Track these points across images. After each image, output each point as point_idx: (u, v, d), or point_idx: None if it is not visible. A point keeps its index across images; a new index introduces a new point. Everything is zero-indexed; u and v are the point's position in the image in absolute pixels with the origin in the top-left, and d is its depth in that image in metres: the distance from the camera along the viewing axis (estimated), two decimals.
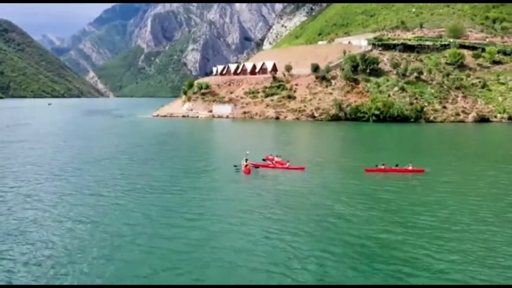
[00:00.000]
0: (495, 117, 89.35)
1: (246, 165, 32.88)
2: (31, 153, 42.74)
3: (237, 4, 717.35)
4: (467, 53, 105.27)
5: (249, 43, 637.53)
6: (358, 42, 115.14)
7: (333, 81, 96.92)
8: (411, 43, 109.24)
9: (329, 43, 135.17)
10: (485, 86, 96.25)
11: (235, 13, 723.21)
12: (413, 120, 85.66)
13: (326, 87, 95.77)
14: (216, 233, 18.70)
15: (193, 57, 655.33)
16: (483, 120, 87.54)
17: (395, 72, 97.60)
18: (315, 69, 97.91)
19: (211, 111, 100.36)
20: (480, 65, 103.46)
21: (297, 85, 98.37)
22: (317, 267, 15.02)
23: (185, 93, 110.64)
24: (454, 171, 33.48)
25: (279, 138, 61.91)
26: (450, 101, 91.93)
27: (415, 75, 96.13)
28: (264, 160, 36.80)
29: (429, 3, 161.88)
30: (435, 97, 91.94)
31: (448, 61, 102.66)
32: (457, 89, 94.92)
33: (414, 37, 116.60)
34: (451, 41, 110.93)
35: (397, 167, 33.15)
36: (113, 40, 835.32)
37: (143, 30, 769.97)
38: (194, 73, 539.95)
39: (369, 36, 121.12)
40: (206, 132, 72.58)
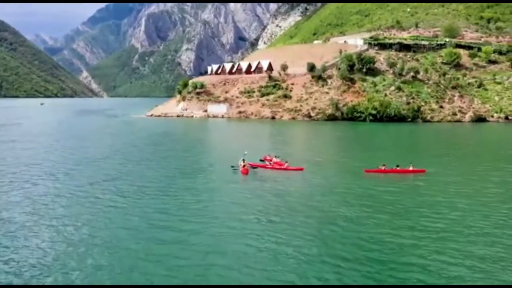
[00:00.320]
0: (492, 116, 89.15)
1: (244, 166, 31.97)
2: (22, 154, 41.56)
3: (232, 4, 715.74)
4: (463, 52, 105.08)
5: (244, 43, 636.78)
6: (354, 41, 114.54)
7: (329, 81, 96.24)
8: (407, 43, 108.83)
9: (325, 42, 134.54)
10: (481, 85, 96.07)
11: (229, 13, 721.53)
12: (410, 119, 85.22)
13: (322, 86, 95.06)
14: (213, 236, 18.06)
15: (187, 57, 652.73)
16: (480, 119, 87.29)
17: (391, 71, 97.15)
18: (311, 68, 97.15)
19: (206, 111, 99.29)
20: (476, 65, 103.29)
21: (293, 84, 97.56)
22: (318, 269, 14.67)
23: (180, 93, 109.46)
24: (455, 171, 32.89)
25: (276, 138, 61.06)
26: (446, 101, 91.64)
27: (412, 74, 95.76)
28: (261, 160, 35.89)
29: (423, 3, 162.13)
30: (432, 97, 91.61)
31: (444, 61, 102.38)
32: (454, 88, 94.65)
33: (410, 37, 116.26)
34: (447, 40, 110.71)
35: (397, 168, 32.38)
36: (106, 39, 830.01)
37: (137, 29, 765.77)
38: (188, 73, 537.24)
39: (365, 35, 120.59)
40: (201, 132, 71.58)
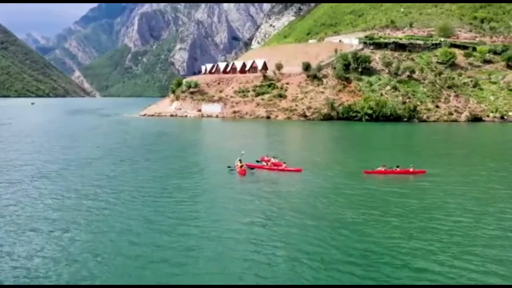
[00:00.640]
0: (488, 116, 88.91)
1: (241, 166, 30.94)
2: (9, 155, 40.23)
3: (225, 3, 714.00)
4: (458, 52, 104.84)
5: (237, 43, 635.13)
6: (349, 40, 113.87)
7: (325, 80, 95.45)
8: (402, 42, 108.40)
9: (319, 41, 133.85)
10: (476, 85, 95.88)
11: (223, 13, 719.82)
12: (406, 119, 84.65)
13: (317, 86, 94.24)
14: (210, 238, 17.42)
15: (180, 57, 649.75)
16: (475, 119, 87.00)
17: (387, 71, 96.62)
18: (306, 67, 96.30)
19: (200, 110, 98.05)
20: (471, 64, 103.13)
21: (288, 84, 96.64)
22: (316, 270, 14.45)
23: (173, 92, 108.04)
24: (456, 172, 32.30)
25: (272, 138, 60.01)
26: (442, 100, 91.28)
27: (407, 74, 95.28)
28: (257, 161, 34.84)
29: (417, 3, 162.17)
30: (428, 96, 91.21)
31: (439, 60, 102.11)
32: (449, 88, 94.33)
33: (405, 36, 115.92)
34: (442, 40, 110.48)
35: (397, 169, 31.53)
36: (99, 39, 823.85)
37: (130, 29, 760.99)
38: (182, 73, 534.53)
39: (360, 35, 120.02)
40: (196, 131, 70.45)
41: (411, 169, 31.78)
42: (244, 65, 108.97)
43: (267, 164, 33.69)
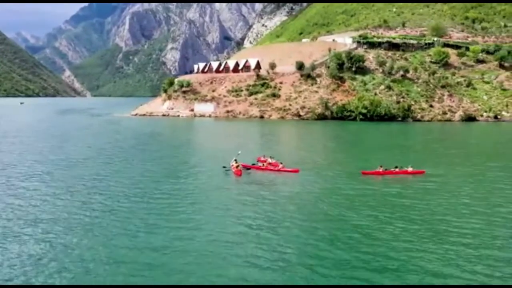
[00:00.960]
0: (481, 116, 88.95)
1: (237, 166, 30.03)
2: None
3: (217, 3, 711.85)
4: (451, 51, 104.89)
5: (229, 43, 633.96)
6: (342, 40, 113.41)
7: (318, 79, 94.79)
8: (395, 42, 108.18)
9: (312, 41, 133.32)
10: (470, 84, 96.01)
11: (214, 12, 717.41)
12: (400, 119, 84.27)
13: (311, 85, 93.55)
14: (206, 241, 16.89)
15: (172, 56, 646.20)
16: (469, 119, 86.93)
17: (380, 70, 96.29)
18: (300, 67, 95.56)
19: (192, 110, 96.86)
20: (464, 64, 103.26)
21: (281, 83, 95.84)
22: (314, 272, 14.18)
23: (165, 91, 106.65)
24: (455, 172, 31.95)
25: (267, 138, 59.13)
26: (436, 100, 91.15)
27: (401, 73, 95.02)
28: (254, 163, 33.95)
29: (408, 3, 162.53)
30: (422, 96, 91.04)
31: (432, 60, 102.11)
32: (443, 87, 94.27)
33: (398, 36, 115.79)
34: (435, 39, 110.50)
35: (396, 169, 30.87)
36: (90, 38, 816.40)
37: (121, 28, 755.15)
38: (173, 73, 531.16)
39: (353, 34, 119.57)
40: (189, 131, 69.38)
41: (410, 170, 31.25)
42: (237, 64, 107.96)
43: (264, 164, 32.79)
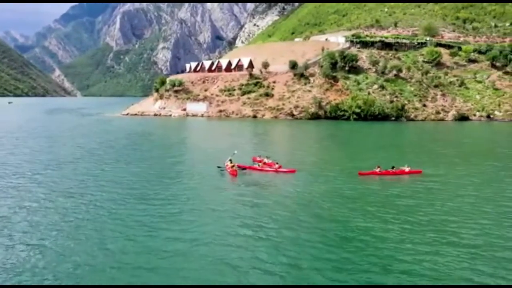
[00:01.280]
0: (474, 115, 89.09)
1: (232, 166, 29.24)
2: None
3: (209, 3, 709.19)
4: (443, 51, 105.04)
5: (221, 42, 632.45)
6: (335, 39, 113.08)
7: (312, 79, 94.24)
8: (388, 41, 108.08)
9: (305, 40, 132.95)
10: (462, 84, 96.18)
11: (206, 12, 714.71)
12: (394, 118, 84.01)
13: (304, 84, 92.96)
14: (201, 244, 16.44)
15: (163, 56, 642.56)
16: (462, 118, 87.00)
17: (374, 69, 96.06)
18: (293, 66, 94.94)
19: (184, 110, 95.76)
20: (456, 63, 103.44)
21: (274, 82, 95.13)
22: (311, 274, 13.97)
23: (157, 91, 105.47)
24: (452, 171, 31.55)
25: (261, 137, 58.37)
26: (429, 99, 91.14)
27: (394, 73, 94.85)
28: (251, 163, 33.22)
29: (400, 3, 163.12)
30: (415, 95, 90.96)
31: (425, 59, 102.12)
32: (436, 87, 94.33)
33: (390, 35, 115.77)
34: (428, 39, 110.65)
35: (393, 170, 30.35)
36: (80, 37, 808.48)
37: (112, 27, 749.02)
38: (165, 72, 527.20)
39: (345, 34, 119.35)
40: (181, 131, 68.32)
41: (407, 169, 30.79)
42: (229, 64, 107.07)
43: (259, 165, 32.01)
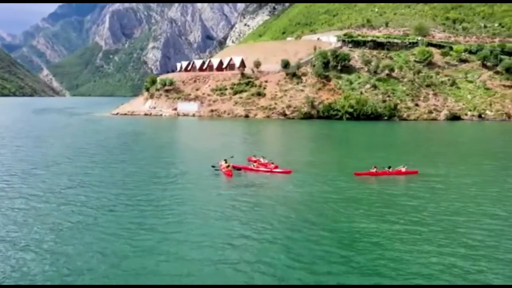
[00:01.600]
0: (466, 115, 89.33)
1: (227, 166, 28.44)
2: None
3: (199, 3, 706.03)
4: (435, 51, 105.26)
5: (212, 42, 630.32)
6: (327, 38, 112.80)
7: (304, 78, 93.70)
8: (380, 41, 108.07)
9: (297, 39, 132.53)
10: (454, 84, 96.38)
11: (196, 11, 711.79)
12: (386, 118, 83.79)
13: (297, 84, 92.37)
14: (196, 246, 15.97)
15: (153, 55, 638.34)
16: (454, 118, 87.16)
17: (366, 69, 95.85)
18: (285, 65, 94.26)
19: (175, 109, 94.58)
20: (448, 63, 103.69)
21: (266, 81, 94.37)
22: (307, 276, 13.69)
23: (148, 90, 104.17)
24: (448, 171, 31.19)
25: (255, 137, 57.60)
26: (422, 99, 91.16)
27: (386, 72, 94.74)
28: (248, 163, 32.47)
29: (390, 3, 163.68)
30: (407, 95, 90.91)
31: (417, 59, 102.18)
32: (428, 86, 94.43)
33: (382, 35, 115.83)
34: (419, 39, 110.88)
35: (389, 170, 29.89)
36: (69, 36, 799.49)
37: (101, 27, 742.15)
38: (155, 72, 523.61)
39: (337, 33, 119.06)
40: (173, 131, 67.38)
41: (403, 170, 30.34)
42: (221, 63, 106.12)
43: (254, 165, 31.20)
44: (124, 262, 14.47)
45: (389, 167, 30.13)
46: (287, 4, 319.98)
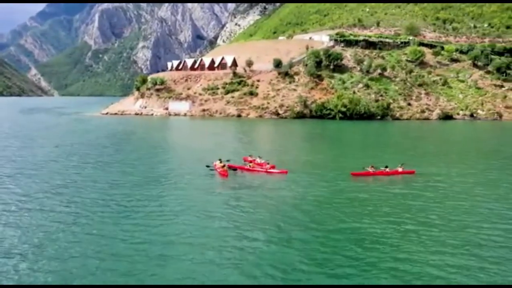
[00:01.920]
0: (458, 114, 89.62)
1: (223, 166, 27.71)
2: None
3: (189, 3, 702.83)
4: (426, 50, 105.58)
5: (202, 42, 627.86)
6: (319, 38, 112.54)
7: (296, 77, 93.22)
8: (372, 40, 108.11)
9: (288, 38, 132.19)
10: (445, 83, 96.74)
11: (186, 11, 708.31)
12: (379, 117, 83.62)
13: (289, 83, 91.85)
14: (192, 248, 15.55)
15: (143, 55, 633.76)
16: (447, 117, 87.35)
17: (358, 68, 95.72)
18: (278, 64, 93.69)
19: (167, 109, 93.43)
20: (439, 63, 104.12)
21: (258, 81, 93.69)
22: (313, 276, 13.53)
23: (138, 89, 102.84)
24: (444, 171, 30.97)
25: (249, 137, 56.80)
26: (414, 98, 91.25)
27: (379, 71, 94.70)
28: (244, 163, 31.79)
29: (381, 3, 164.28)
30: (400, 94, 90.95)
31: (409, 58, 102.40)
32: (420, 86, 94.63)
33: (374, 35, 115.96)
34: (411, 38, 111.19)
35: (386, 169, 29.49)
36: (57, 36, 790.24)
37: (90, 26, 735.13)
38: (145, 71, 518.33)
39: (329, 33, 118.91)
40: (165, 131, 66.35)
41: (400, 169, 29.95)
42: (212, 62, 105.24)
43: (250, 165, 30.48)
44: (118, 262, 14.12)
45: (386, 167, 29.75)
46: (277, 4, 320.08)
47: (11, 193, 22.94)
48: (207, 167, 29.00)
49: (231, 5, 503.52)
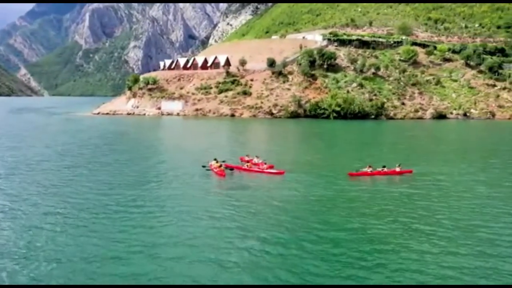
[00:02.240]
0: (451, 113, 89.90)
1: (219, 166, 27.15)
2: None
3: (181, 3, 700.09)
4: (419, 50, 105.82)
5: (194, 41, 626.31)
6: (312, 37, 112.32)
7: (290, 77, 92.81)
8: (365, 39, 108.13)
9: (281, 38, 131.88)
10: (438, 83, 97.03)
11: (178, 11, 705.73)
12: (373, 116, 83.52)
13: (283, 82, 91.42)
14: (193, 249, 15.13)
15: (135, 55, 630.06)
16: (440, 116, 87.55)
17: (352, 67, 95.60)
18: (271, 63, 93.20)
19: (159, 108, 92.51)
20: (432, 62, 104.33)
21: (252, 80, 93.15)
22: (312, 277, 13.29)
23: (130, 89, 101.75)
24: (442, 170, 30.69)
25: (243, 137, 56.39)
26: (407, 98, 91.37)
27: (372, 71, 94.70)
28: (241, 163, 31.25)
29: (373, 3, 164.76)
30: (393, 94, 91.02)
31: (402, 58, 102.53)
32: (413, 85, 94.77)
33: (367, 34, 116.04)
34: (404, 38, 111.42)
35: (384, 169, 29.13)
36: (47, 35, 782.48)
37: (81, 25, 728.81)
38: (136, 71, 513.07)
39: (322, 32, 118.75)
40: (158, 131, 65.60)
41: (398, 169, 29.63)
42: (205, 61, 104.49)
43: (247, 165, 29.92)
44: (113, 263, 13.86)
45: (384, 167, 29.40)
46: (269, 3, 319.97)
47: (3, 194, 22.22)
48: (203, 167, 28.40)
49: (223, 5, 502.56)
